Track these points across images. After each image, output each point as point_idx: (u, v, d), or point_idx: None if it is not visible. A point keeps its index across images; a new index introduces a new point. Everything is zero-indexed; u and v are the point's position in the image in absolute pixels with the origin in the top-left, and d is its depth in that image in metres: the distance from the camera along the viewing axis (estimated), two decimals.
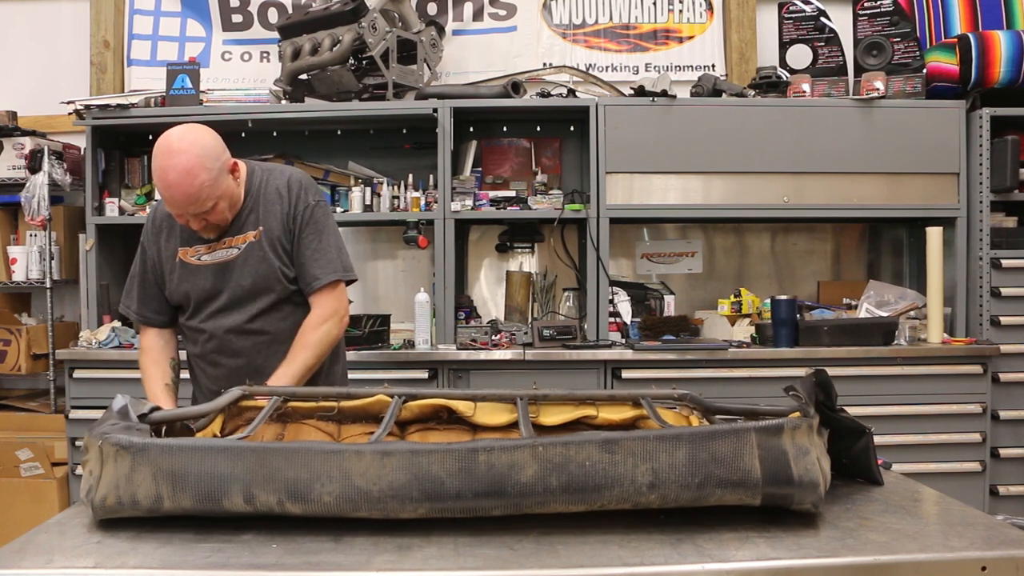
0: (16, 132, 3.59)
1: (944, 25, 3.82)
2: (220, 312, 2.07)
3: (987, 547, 1.16)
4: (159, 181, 1.91)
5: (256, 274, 2.05)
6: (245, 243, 2.06)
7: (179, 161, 1.87)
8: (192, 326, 2.13)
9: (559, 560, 1.12)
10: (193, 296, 2.08)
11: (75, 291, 3.82)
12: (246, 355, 2.08)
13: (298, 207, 2.08)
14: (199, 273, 2.07)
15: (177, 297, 2.11)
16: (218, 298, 2.06)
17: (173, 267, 2.09)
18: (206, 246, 2.06)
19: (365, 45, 3.42)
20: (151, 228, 2.14)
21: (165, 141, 1.91)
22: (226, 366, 2.09)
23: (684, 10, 3.98)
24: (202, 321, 2.10)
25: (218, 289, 2.06)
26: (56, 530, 1.25)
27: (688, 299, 3.85)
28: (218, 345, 2.09)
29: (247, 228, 2.06)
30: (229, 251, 2.06)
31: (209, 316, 2.09)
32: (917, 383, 3.24)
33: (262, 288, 2.06)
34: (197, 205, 1.91)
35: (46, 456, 3.33)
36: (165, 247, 2.11)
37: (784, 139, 3.43)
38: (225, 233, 2.06)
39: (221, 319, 2.07)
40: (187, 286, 2.08)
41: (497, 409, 1.56)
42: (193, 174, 1.88)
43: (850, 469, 1.52)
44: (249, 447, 1.23)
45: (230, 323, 2.07)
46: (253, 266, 2.05)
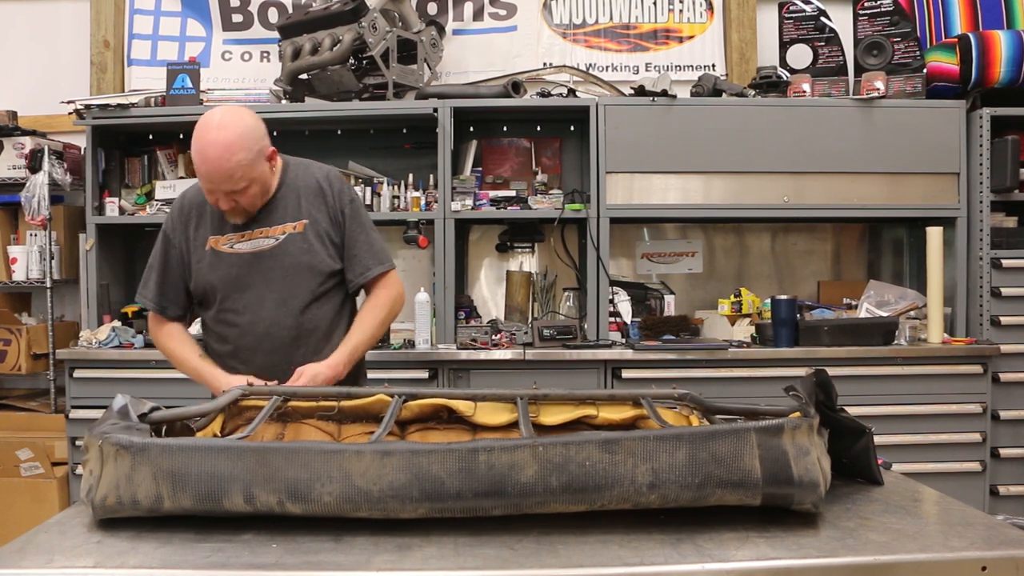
0: (16, 132, 3.59)
1: (944, 25, 3.82)
2: (254, 304, 2.04)
3: (987, 547, 1.16)
4: (197, 155, 1.92)
5: (298, 265, 2.04)
6: (284, 234, 2.05)
7: (220, 136, 1.90)
8: (222, 319, 2.08)
9: (559, 560, 1.12)
10: (222, 286, 2.05)
11: (75, 291, 3.82)
12: (282, 351, 2.04)
13: (343, 201, 2.10)
14: (231, 262, 2.04)
15: (203, 287, 2.07)
16: (251, 288, 2.04)
17: (202, 256, 2.06)
18: (239, 234, 2.05)
19: (365, 45, 3.42)
20: (178, 216, 2.11)
21: (208, 117, 1.94)
22: (256, 363, 2.03)
23: (684, 10, 3.97)
24: (234, 313, 2.06)
25: (253, 279, 2.04)
26: (56, 530, 1.25)
27: (688, 299, 3.85)
28: (253, 340, 2.04)
29: (286, 219, 2.06)
30: (265, 241, 2.04)
31: (242, 308, 2.05)
32: (917, 383, 3.24)
33: (302, 280, 2.05)
34: (231, 183, 1.92)
35: (46, 456, 3.33)
36: (194, 235, 2.08)
37: (784, 139, 3.43)
38: (259, 222, 2.05)
39: (256, 310, 2.04)
40: (217, 275, 2.05)
41: (497, 409, 1.56)
42: (232, 151, 1.89)
43: (850, 469, 1.52)
44: (249, 447, 1.23)
45: (266, 315, 2.03)
46: (295, 257, 2.04)
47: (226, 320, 2.07)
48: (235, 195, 1.95)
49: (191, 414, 1.50)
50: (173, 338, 2.14)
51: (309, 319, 2.06)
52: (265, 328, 2.04)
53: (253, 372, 1.99)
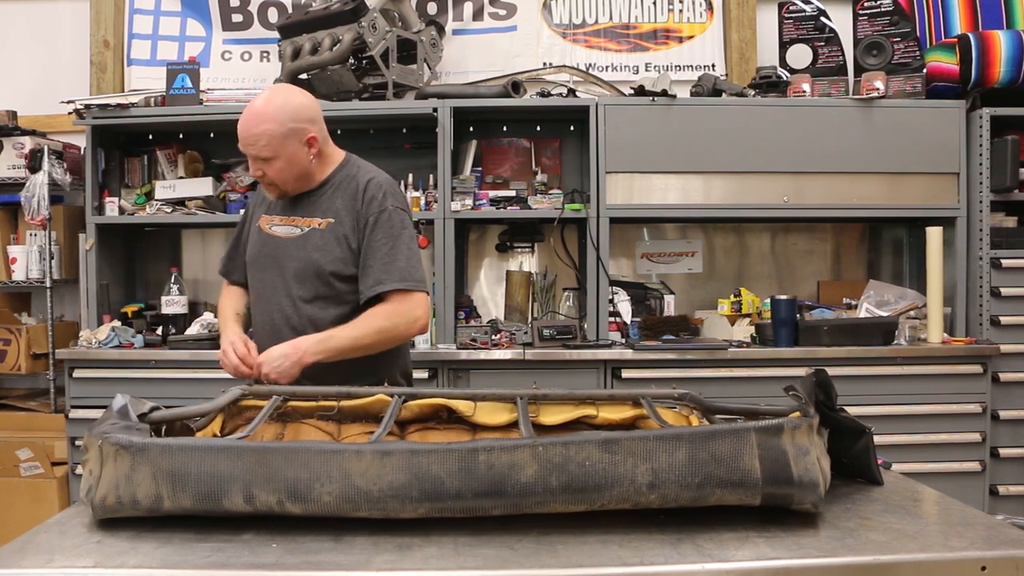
0: (16, 132, 3.59)
1: (944, 25, 3.82)
2: (268, 287, 2.11)
3: (987, 547, 1.16)
4: (242, 117, 2.03)
5: (309, 260, 2.05)
6: (308, 227, 2.08)
7: (257, 104, 2.01)
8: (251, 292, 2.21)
9: (559, 560, 1.12)
10: (251, 262, 2.16)
11: (75, 291, 3.82)
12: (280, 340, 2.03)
13: (371, 207, 2.05)
14: (264, 241, 2.13)
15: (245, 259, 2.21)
16: (269, 271, 2.11)
17: (253, 231, 2.19)
18: (280, 217, 2.13)
19: (365, 45, 3.42)
20: (255, 195, 2.28)
21: (268, 90, 2.08)
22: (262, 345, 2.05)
23: (684, 10, 3.97)
24: (254, 291, 2.17)
25: (272, 263, 2.11)
26: (56, 530, 1.25)
27: (688, 299, 3.85)
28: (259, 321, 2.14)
29: (317, 214, 2.09)
30: (292, 229, 2.10)
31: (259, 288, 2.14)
32: (917, 383, 3.24)
33: (309, 275, 2.05)
34: (250, 147, 2.01)
35: (46, 456, 3.33)
36: (256, 212, 2.21)
37: (784, 139, 3.43)
38: (297, 210, 2.11)
39: (268, 294, 2.11)
40: (252, 251, 2.17)
41: (497, 409, 1.56)
42: (261, 119, 1.99)
43: (850, 469, 1.52)
44: (249, 447, 1.23)
45: (273, 299, 2.10)
46: (309, 252, 2.06)
47: (253, 297, 2.19)
48: (261, 164, 2.02)
49: (191, 414, 1.50)
50: (224, 296, 2.31)
51: (309, 316, 2.06)
52: (270, 312, 2.10)
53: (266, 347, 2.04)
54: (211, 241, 3.94)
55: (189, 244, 3.93)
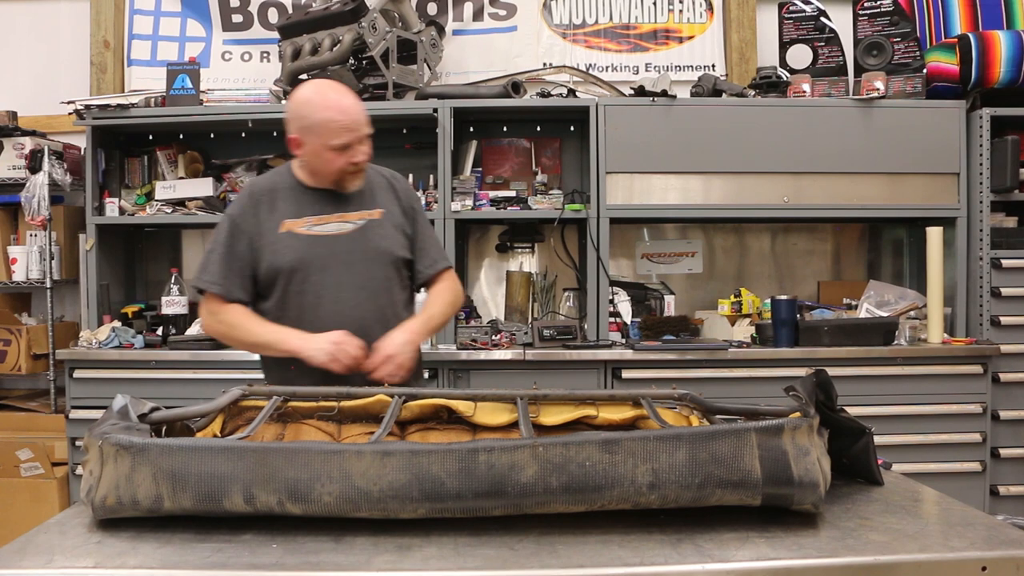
0: (16, 132, 3.59)
1: (944, 25, 3.82)
2: (333, 286, 2.06)
3: (987, 547, 1.16)
4: (332, 108, 2.01)
5: (378, 250, 2.11)
6: (363, 220, 2.11)
7: (344, 90, 2.06)
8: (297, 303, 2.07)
9: (559, 560, 1.12)
10: (301, 266, 2.06)
11: (75, 291, 3.82)
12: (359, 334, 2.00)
13: (411, 197, 2.23)
14: (310, 243, 2.07)
15: (277, 269, 2.06)
16: (330, 270, 2.07)
17: (277, 238, 2.07)
18: (317, 218, 2.09)
19: (365, 45, 3.42)
20: (247, 202, 2.12)
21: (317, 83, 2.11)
22: None
23: (684, 10, 3.98)
24: (313, 296, 2.06)
25: (332, 261, 2.07)
26: (56, 530, 1.25)
27: (688, 299, 3.85)
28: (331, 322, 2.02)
29: (363, 206, 2.13)
30: (344, 225, 2.10)
31: (321, 290, 2.06)
32: (917, 383, 3.24)
33: (380, 265, 2.11)
34: (362, 126, 2.05)
35: (46, 456, 3.33)
36: (267, 218, 2.09)
37: (784, 139, 3.43)
38: (338, 208, 2.11)
39: (336, 292, 2.06)
40: (295, 256, 2.06)
41: (497, 409, 1.56)
42: (354, 99, 2.06)
43: (850, 469, 1.52)
44: (249, 447, 1.23)
45: (345, 297, 2.07)
46: (375, 242, 2.11)
47: (303, 303, 2.08)
48: (365, 146, 2.06)
49: (191, 414, 1.50)
50: (241, 313, 2.09)
51: (386, 304, 2.13)
52: (344, 310, 2.07)
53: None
54: None
55: (189, 244, 3.93)
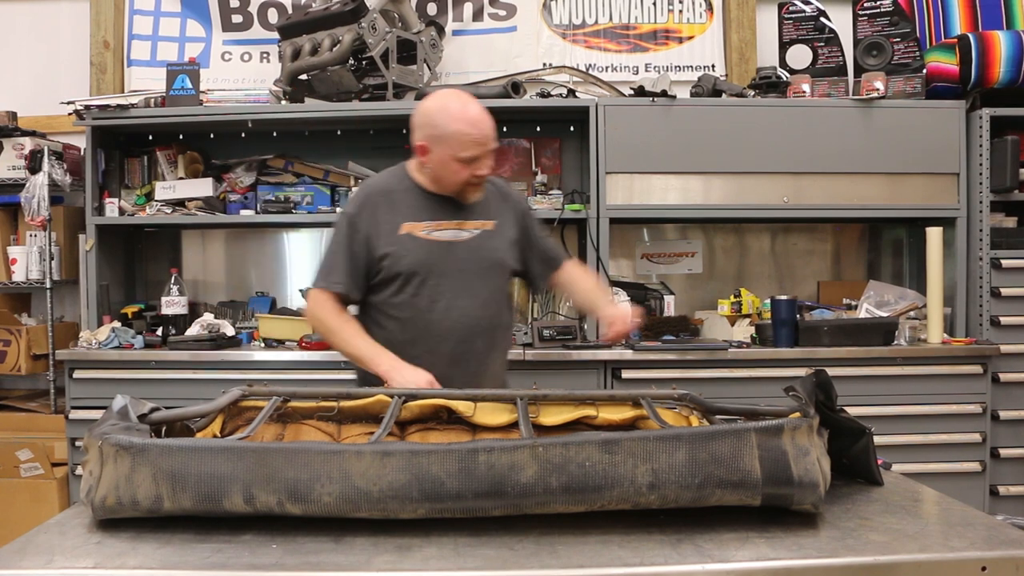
0: (16, 132, 3.58)
1: (944, 25, 3.82)
2: (449, 292, 2.10)
3: (987, 547, 1.16)
4: (464, 120, 2.04)
5: (491, 260, 2.17)
6: (478, 229, 2.16)
7: (473, 101, 2.09)
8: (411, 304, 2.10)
9: (559, 560, 1.12)
10: (421, 269, 2.10)
11: (75, 291, 3.82)
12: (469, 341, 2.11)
13: (523, 206, 2.32)
14: (429, 247, 2.11)
15: (396, 270, 2.09)
16: (447, 276, 2.11)
17: (395, 240, 2.10)
18: (435, 223, 2.13)
19: (365, 45, 3.42)
20: (365, 203, 2.16)
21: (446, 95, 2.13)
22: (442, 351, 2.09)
23: (684, 10, 3.98)
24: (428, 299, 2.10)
25: (449, 267, 2.11)
26: (56, 530, 1.25)
27: (688, 299, 3.85)
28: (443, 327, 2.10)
29: (479, 216, 2.17)
30: (460, 232, 2.14)
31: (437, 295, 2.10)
32: (917, 383, 3.24)
33: (493, 274, 2.17)
34: (492, 141, 2.09)
35: (46, 456, 3.33)
36: (385, 220, 2.12)
37: (784, 139, 3.43)
38: (456, 215, 2.15)
39: (451, 299, 2.10)
40: (415, 258, 2.10)
41: (497, 409, 1.56)
42: (486, 114, 2.09)
43: (850, 469, 1.52)
44: (249, 447, 1.23)
45: (460, 303, 2.11)
46: (489, 252, 2.17)
47: (417, 305, 2.11)
48: (490, 160, 2.11)
49: (191, 415, 1.50)
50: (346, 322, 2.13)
51: (493, 314, 2.18)
52: (458, 316, 2.11)
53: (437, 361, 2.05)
54: (211, 242, 3.94)
55: (189, 245, 3.93)
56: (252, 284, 3.91)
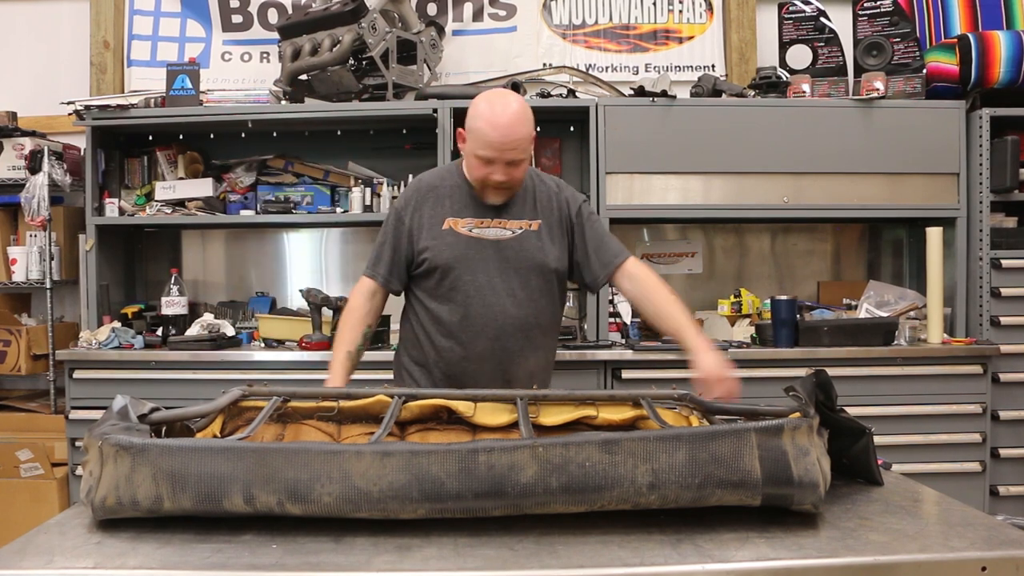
0: (16, 132, 3.58)
1: (944, 25, 3.82)
2: (486, 288, 2.11)
3: (987, 547, 1.16)
4: (485, 123, 2.03)
5: (531, 260, 2.14)
6: (520, 229, 2.15)
7: (512, 107, 2.04)
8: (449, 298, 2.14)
9: (559, 560, 1.12)
10: (457, 264, 2.12)
11: (75, 291, 3.82)
12: (504, 339, 2.12)
13: (574, 205, 2.23)
14: (469, 244, 2.12)
15: (438, 262, 2.13)
16: (484, 273, 2.12)
17: (438, 233, 2.13)
18: (478, 220, 2.13)
19: (365, 45, 3.42)
20: (412, 195, 2.21)
21: (497, 94, 2.11)
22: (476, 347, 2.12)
23: (684, 10, 3.98)
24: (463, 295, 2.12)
25: (487, 265, 2.12)
26: (56, 530, 1.25)
27: (688, 299, 3.84)
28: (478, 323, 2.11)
29: (524, 216, 2.16)
30: (503, 231, 2.14)
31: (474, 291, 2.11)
32: (917, 383, 3.24)
33: (532, 274, 2.14)
34: (515, 152, 2.04)
35: (46, 456, 3.33)
36: (430, 214, 2.16)
37: (784, 139, 3.43)
38: (499, 213, 2.14)
39: (487, 295, 2.11)
40: (454, 253, 2.12)
41: (497, 409, 1.56)
42: (522, 121, 2.04)
43: (850, 469, 1.52)
44: (249, 447, 1.23)
45: (495, 301, 2.11)
46: (529, 252, 2.14)
47: (453, 299, 2.14)
48: (512, 168, 2.06)
49: (191, 415, 1.50)
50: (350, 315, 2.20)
51: (533, 312, 2.16)
52: (492, 314, 2.11)
53: (472, 355, 2.11)
54: (211, 242, 3.94)
55: (189, 245, 3.93)
56: (252, 284, 3.91)
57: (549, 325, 2.24)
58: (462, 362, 2.13)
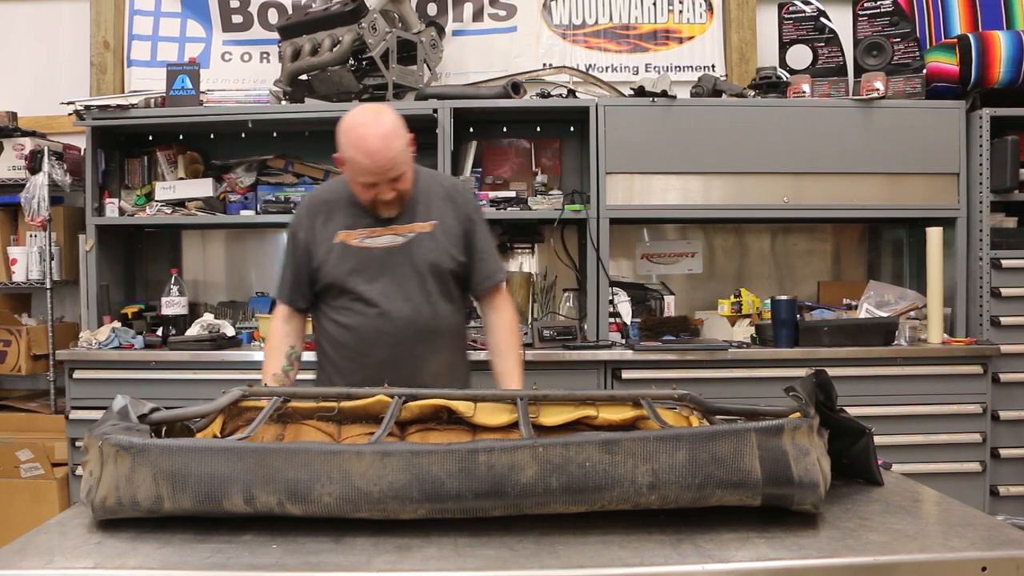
0: (16, 132, 3.59)
1: (944, 25, 3.82)
2: (381, 297, 2.11)
3: (987, 547, 1.16)
4: (358, 149, 2.00)
5: (426, 263, 2.12)
6: (413, 232, 2.13)
7: (378, 128, 2.00)
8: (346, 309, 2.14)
9: (559, 560, 1.12)
10: (350, 278, 2.12)
11: (75, 292, 3.82)
12: (403, 344, 2.11)
13: (470, 208, 2.22)
14: (361, 255, 2.12)
15: (331, 278, 2.13)
16: (379, 282, 2.11)
17: (330, 248, 2.13)
18: (370, 230, 2.13)
19: (365, 46, 3.42)
20: (304, 213, 2.20)
21: (358, 115, 2.04)
22: (376, 355, 2.12)
23: (684, 10, 3.98)
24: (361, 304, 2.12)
25: (382, 274, 2.11)
26: (56, 530, 1.25)
27: (688, 299, 3.85)
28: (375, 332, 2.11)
29: (416, 219, 2.15)
30: (395, 238, 2.13)
31: (369, 301, 2.11)
32: (917, 383, 3.24)
33: (428, 277, 2.13)
34: (395, 169, 2.02)
35: (46, 456, 3.33)
36: (322, 229, 2.16)
37: (784, 139, 3.43)
38: (392, 220, 2.13)
39: (383, 304, 2.11)
40: (347, 267, 2.12)
41: (497, 409, 1.56)
42: (391, 139, 2.01)
43: (850, 469, 1.52)
44: (249, 448, 1.23)
45: (391, 308, 2.10)
46: (424, 255, 2.12)
47: (351, 309, 2.14)
48: (395, 183, 2.05)
49: (191, 415, 1.50)
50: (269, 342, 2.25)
51: (432, 316, 2.14)
52: (389, 321, 2.11)
53: (371, 363, 2.09)
54: (211, 242, 3.94)
55: (189, 245, 3.94)
56: (252, 284, 3.91)
57: (450, 326, 2.20)
58: (363, 370, 2.10)
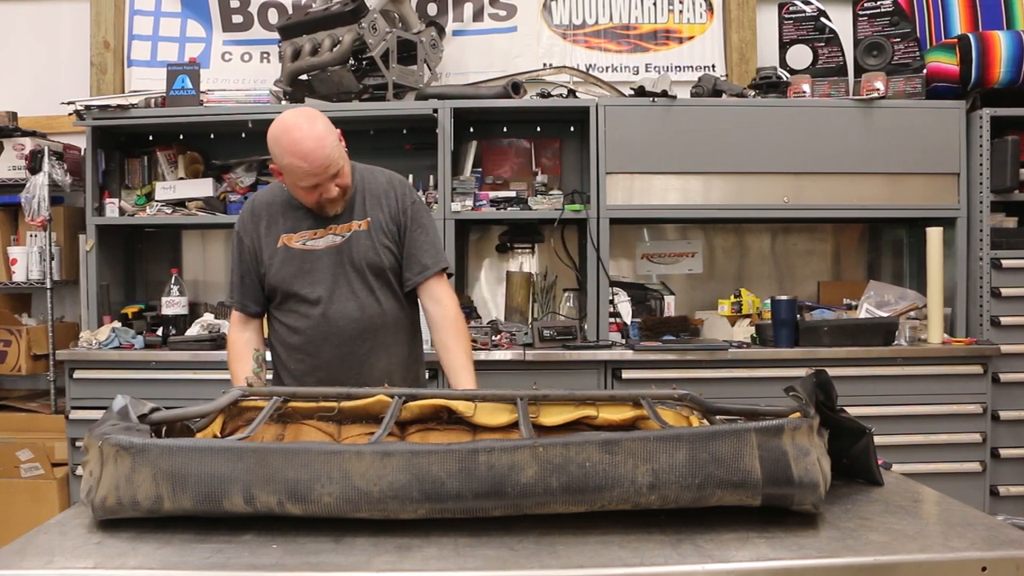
0: (16, 132, 3.59)
1: (944, 25, 3.82)
2: (324, 298, 2.13)
3: (987, 547, 1.16)
4: (294, 154, 2.01)
5: (363, 261, 2.14)
6: (350, 231, 2.15)
7: (309, 131, 2.01)
8: (293, 311, 2.18)
9: (559, 560, 1.12)
10: (294, 281, 2.14)
11: (75, 291, 3.82)
12: (349, 344, 2.14)
13: (405, 203, 2.21)
14: (303, 258, 2.14)
15: (275, 281, 2.16)
16: (321, 283, 2.13)
17: (274, 252, 2.16)
18: (311, 232, 2.15)
19: (365, 46, 3.42)
20: (248, 218, 2.21)
21: (288, 120, 2.05)
22: (324, 356, 2.15)
23: (684, 10, 3.98)
24: (306, 305, 2.15)
25: (323, 274, 2.13)
26: (56, 530, 1.25)
27: (688, 299, 3.85)
28: (321, 333, 2.14)
29: (354, 217, 2.16)
30: (334, 238, 2.15)
31: (313, 302, 2.14)
32: (917, 383, 3.24)
33: (367, 275, 2.15)
34: (333, 166, 2.03)
35: (46, 456, 3.33)
36: (266, 233, 2.18)
37: (784, 139, 3.43)
38: (331, 220, 2.15)
39: (326, 304, 2.13)
40: (289, 270, 2.15)
41: (497, 409, 1.56)
42: (323, 138, 2.02)
43: (850, 469, 1.52)
44: (249, 448, 1.23)
45: (334, 308, 2.13)
46: (361, 253, 2.14)
47: (298, 312, 2.17)
48: (336, 179, 2.06)
49: (191, 415, 1.50)
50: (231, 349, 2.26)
51: (379, 314, 2.17)
52: (333, 321, 2.14)
53: (320, 364, 2.14)
54: (211, 242, 3.94)
55: (189, 245, 3.94)
56: None
57: (397, 322, 2.22)
58: (314, 371, 2.15)
